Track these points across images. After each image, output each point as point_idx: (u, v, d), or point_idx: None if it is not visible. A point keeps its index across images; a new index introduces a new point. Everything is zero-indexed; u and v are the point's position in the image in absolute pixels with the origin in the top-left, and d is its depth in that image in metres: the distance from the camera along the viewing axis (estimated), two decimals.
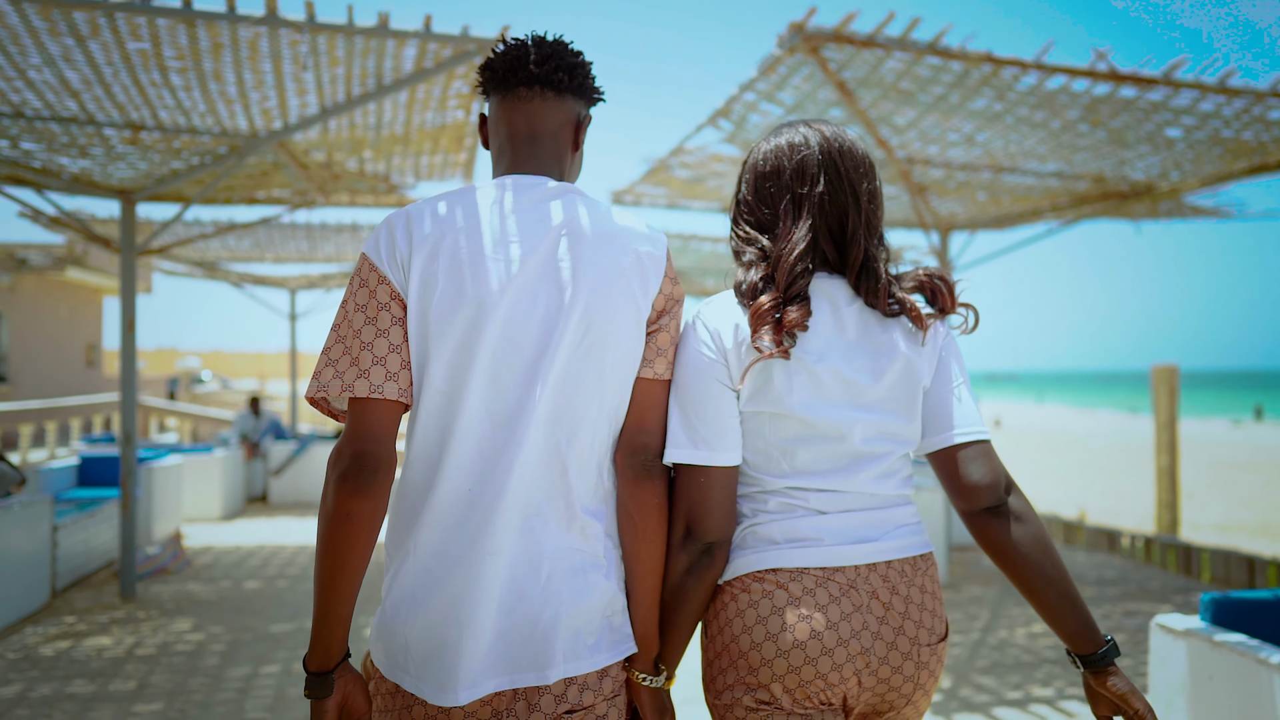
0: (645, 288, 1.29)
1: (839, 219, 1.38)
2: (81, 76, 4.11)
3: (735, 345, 1.32)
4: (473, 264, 1.24)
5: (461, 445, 1.22)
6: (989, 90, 4.62)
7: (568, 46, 1.39)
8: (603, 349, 1.26)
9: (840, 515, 1.33)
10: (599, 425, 1.27)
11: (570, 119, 1.39)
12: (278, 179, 5.91)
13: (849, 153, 1.40)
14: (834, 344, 1.34)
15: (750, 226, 1.43)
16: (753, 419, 1.34)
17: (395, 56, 4.06)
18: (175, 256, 10.29)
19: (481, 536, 1.20)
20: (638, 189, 7.85)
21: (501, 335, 1.23)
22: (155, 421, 14.12)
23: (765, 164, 1.42)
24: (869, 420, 1.34)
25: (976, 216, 7.03)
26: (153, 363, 32.68)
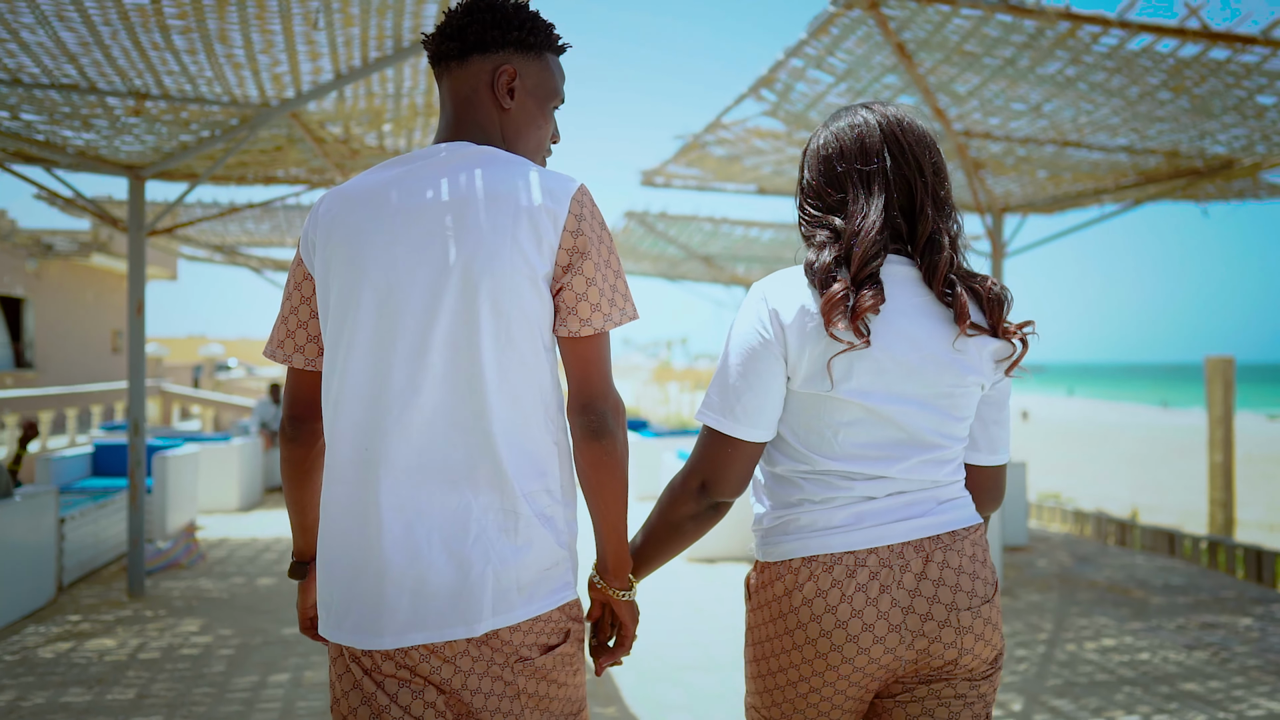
0: (539, 244, 1.27)
1: (906, 193, 1.38)
2: (78, 37, 3.81)
3: (796, 324, 1.31)
4: (359, 238, 1.30)
5: (349, 409, 1.29)
6: (1062, 52, 4.20)
7: (467, 6, 1.37)
8: (493, 312, 1.26)
9: (885, 499, 1.34)
10: (511, 388, 1.28)
11: (481, 79, 1.37)
12: (293, 155, 5.60)
13: (910, 128, 1.41)
14: (899, 329, 1.32)
15: (818, 210, 1.43)
16: (808, 399, 1.34)
17: (415, 15, 3.72)
18: (195, 241, 10.08)
19: (380, 494, 1.25)
20: (669, 169, 7.49)
21: (383, 304, 1.28)
22: (178, 408, 13.99)
23: (828, 148, 1.43)
24: (926, 412, 1.34)
25: (1033, 197, 6.58)
26: (180, 350, 32.82)
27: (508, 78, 1.37)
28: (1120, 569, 6.20)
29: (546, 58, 1.43)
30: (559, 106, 1.48)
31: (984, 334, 1.34)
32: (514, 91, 1.38)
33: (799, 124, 5.45)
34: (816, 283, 1.32)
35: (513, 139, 1.40)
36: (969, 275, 1.38)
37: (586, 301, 1.30)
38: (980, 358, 1.35)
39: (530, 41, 1.38)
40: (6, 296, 15.96)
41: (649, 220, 9.92)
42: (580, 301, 1.30)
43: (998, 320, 1.35)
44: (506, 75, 1.37)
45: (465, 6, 1.37)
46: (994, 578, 1.38)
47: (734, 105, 5.36)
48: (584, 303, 1.30)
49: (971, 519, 1.38)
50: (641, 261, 12.42)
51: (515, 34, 1.36)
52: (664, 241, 10.78)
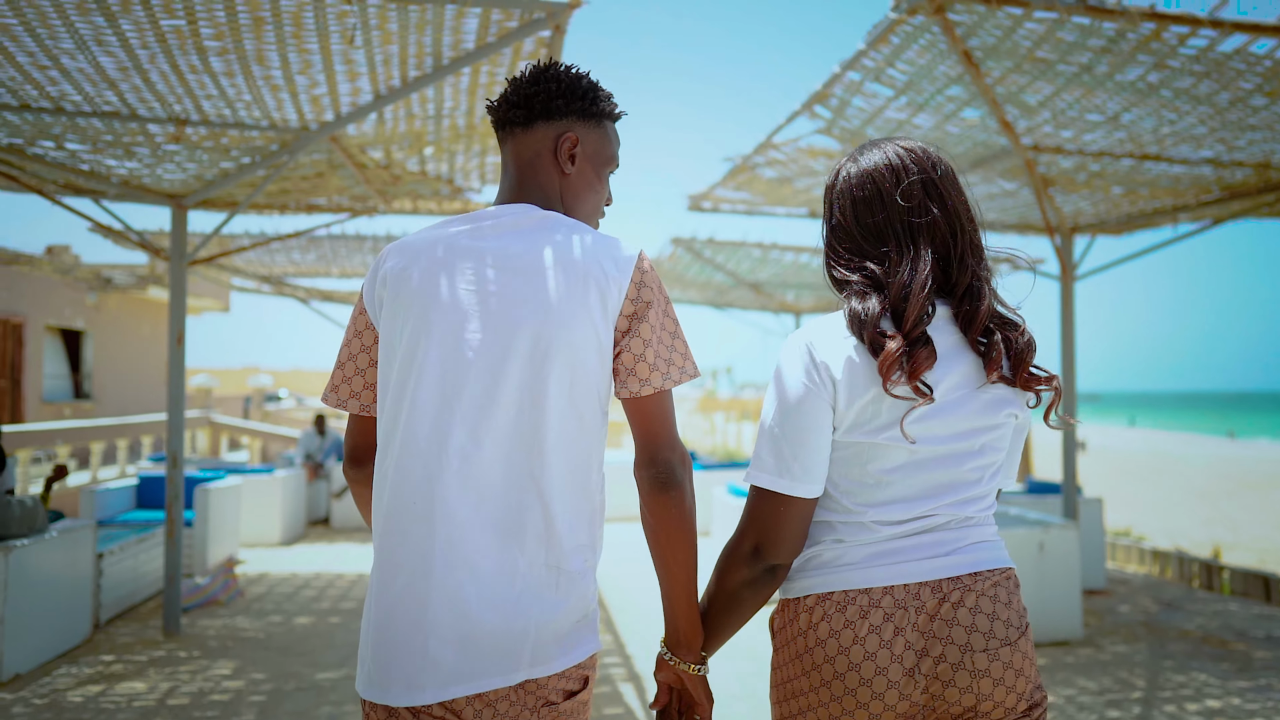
0: (605, 312, 1.32)
1: (946, 243, 1.36)
2: (117, 62, 3.75)
3: (847, 377, 1.30)
4: (426, 295, 1.34)
5: (407, 463, 1.31)
6: (1145, 57, 3.89)
7: (538, 75, 1.43)
8: (560, 377, 1.30)
9: (915, 536, 1.32)
10: (566, 449, 1.32)
11: (545, 145, 1.43)
12: (334, 182, 5.52)
13: (947, 172, 1.40)
14: (944, 370, 1.31)
15: (850, 253, 1.40)
16: (851, 448, 1.33)
17: (454, 30, 3.58)
18: (243, 272, 10.14)
19: (435, 547, 1.28)
20: (716, 193, 7.27)
21: (449, 362, 1.31)
22: (226, 439, 14.09)
23: (863, 189, 1.39)
24: (967, 450, 1.33)
25: (1104, 216, 6.21)
26: (232, 380, 33.47)
27: (570, 144, 1.44)
28: (1213, 616, 5.70)
29: (605, 125, 1.50)
30: (614, 172, 1.55)
31: (1007, 384, 1.33)
32: (575, 157, 1.45)
33: (855, 141, 5.19)
34: (867, 338, 1.29)
35: (571, 203, 1.47)
36: (1005, 323, 1.36)
37: (645, 362, 1.33)
38: (1011, 391, 1.35)
39: (592, 111, 1.46)
40: (67, 329, 16.36)
41: (696, 246, 9.71)
42: (639, 362, 1.33)
43: (1023, 371, 1.33)
44: (569, 142, 1.43)
45: (532, 75, 1.44)
46: (1021, 620, 1.32)
47: (786, 124, 5.14)
48: (642, 363, 1.33)
49: (1001, 561, 1.35)
50: (688, 289, 12.19)
51: (578, 104, 1.44)
52: (711, 268, 10.55)
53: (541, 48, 3.83)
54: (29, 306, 14.51)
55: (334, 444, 10.10)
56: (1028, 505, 6.77)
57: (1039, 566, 5.14)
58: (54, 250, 16.56)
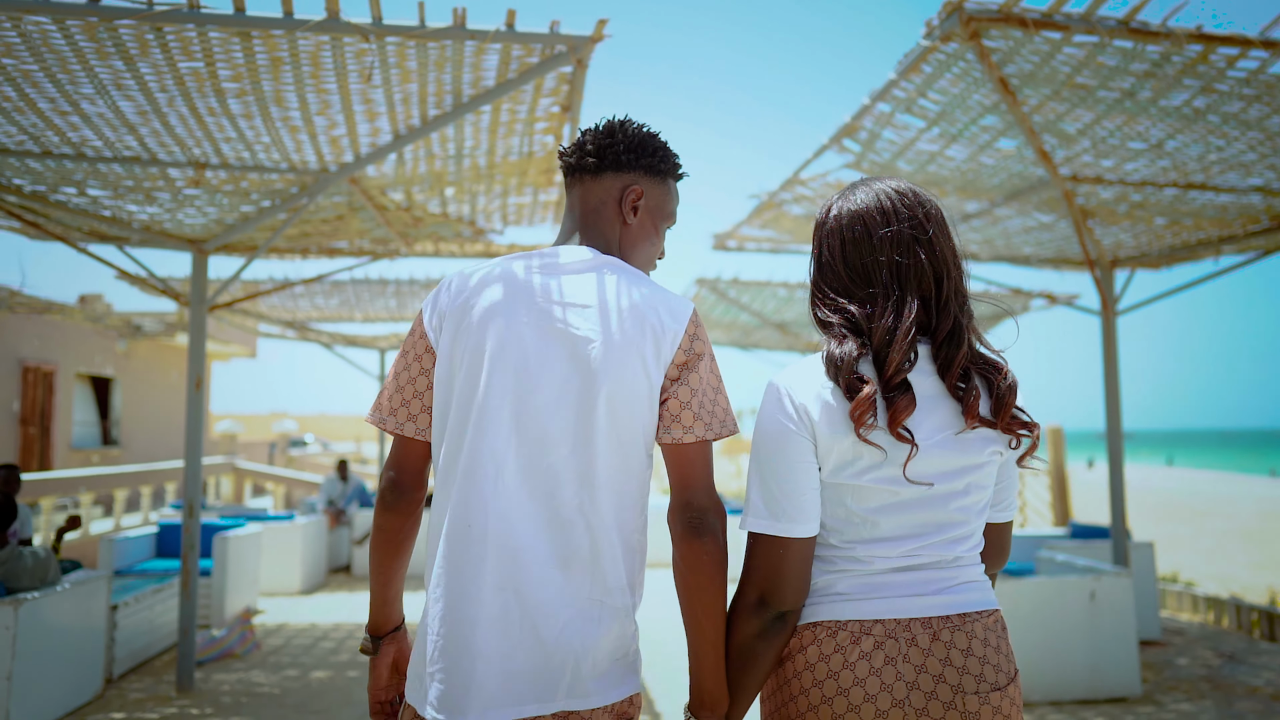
0: (658, 358, 1.36)
1: (935, 287, 1.36)
2: (136, 106, 3.72)
3: (825, 419, 1.30)
4: (491, 324, 1.38)
5: (464, 488, 1.36)
6: (1192, 80, 3.73)
7: (611, 129, 1.51)
8: (610, 414, 1.35)
9: (904, 573, 1.32)
10: (613, 485, 1.36)
11: (610, 195, 1.51)
12: (355, 225, 5.47)
13: (936, 215, 1.40)
14: (921, 414, 1.31)
15: (836, 294, 1.40)
16: (836, 489, 1.33)
17: (474, 67, 3.51)
18: (268, 317, 10.15)
19: (485, 572, 1.33)
20: (741, 232, 7.16)
21: (505, 394, 1.36)
22: (250, 485, 14.04)
23: (852, 229, 1.39)
24: (952, 490, 1.33)
25: (1145, 248, 6.00)
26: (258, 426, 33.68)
27: (634, 196, 1.51)
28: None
29: (669, 183, 1.57)
30: (671, 227, 1.61)
31: (988, 427, 1.32)
32: (637, 209, 1.52)
33: (885, 175, 5.05)
34: (842, 382, 1.29)
35: (629, 251, 1.53)
36: (985, 365, 1.35)
37: (690, 410, 1.38)
38: (993, 433, 1.34)
39: (658, 167, 1.53)
40: (97, 376, 16.52)
41: (720, 287, 9.58)
42: (684, 410, 1.38)
43: (1004, 414, 1.32)
44: (634, 194, 1.51)
45: (607, 128, 1.52)
46: (1010, 666, 1.33)
47: (813, 158, 5.02)
48: (688, 411, 1.38)
49: (987, 603, 1.35)
50: (713, 330, 12.05)
51: (647, 159, 1.52)
52: (736, 308, 10.41)
53: (563, 84, 3.75)
54: (60, 354, 14.67)
55: (356, 490, 9.98)
56: (1074, 550, 6.46)
57: (1091, 616, 4.85)
58: (87, 299, 16.82)
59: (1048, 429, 14.18)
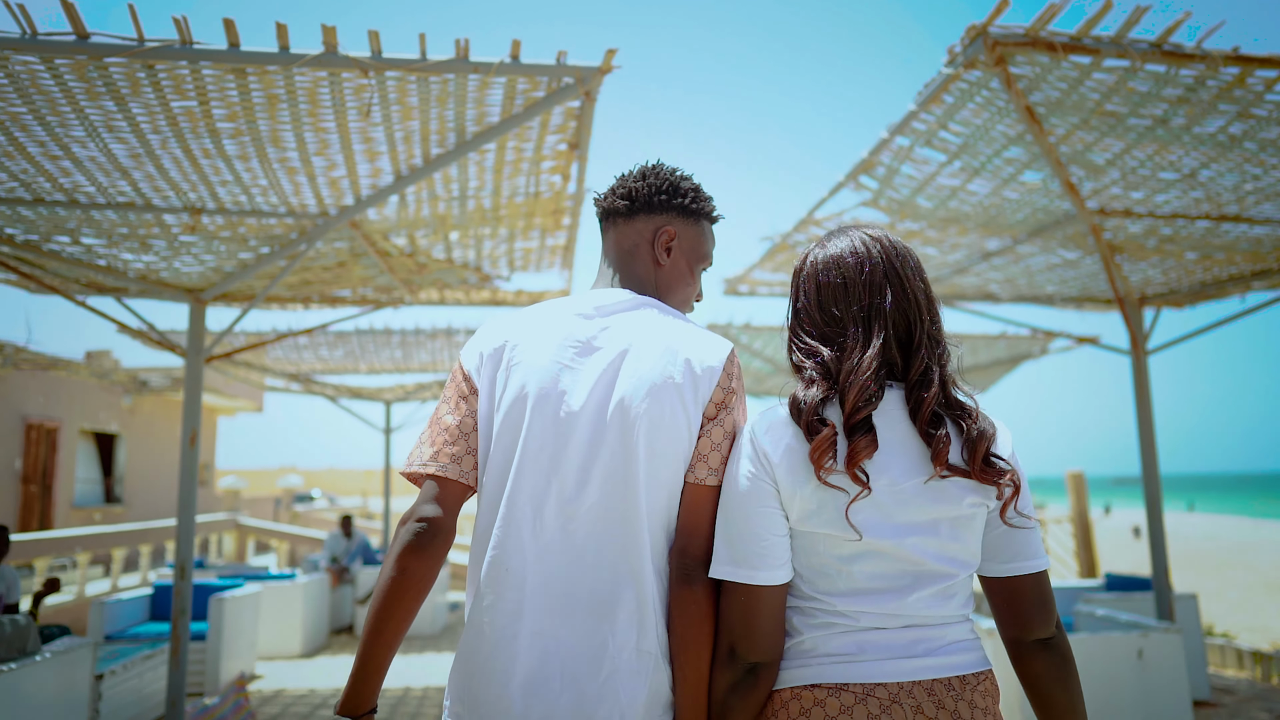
0: (697, 396, 1.36)
1: (905, 329, 1.37)
2: (129, 149, 3.59)
3: (785, 463, 1.30)
4: (530, 370, 1.40)
5: (504, 531, 1.35)
6: (1227, 106, 3.57)
7: (644, 172, 1.55)
8: (648, 455, 1.33)
9: (891, 632, 1.29)
10: (654, 528, 1.34)
11: (643, 237, 1.53)
12: (357, 272, 5.31)
13: (909, 259, 1.42)
14: (892, 460, 1.30)
15: (811, 338, 1.40)
16: (806, 537, 1.31)
17: (478, 102, 3.37)
18: (272, 370, 10.00)
19: (523, 619, 1.30)
20: (754, 275, 6.98)
21: (545, 435, 1.35)
22: (253, 542, 13.74)
23: (828, 274, 1.41)
24: (928, 540, 1.30)
25: (1175, 285, 5.79)
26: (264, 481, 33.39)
27: (667, 237, 1.53)
28: None
29: (703, 224, 1.58)
30: (707, 269, 1.61)
31: (960, 475, 1.29)
32: (671, 250, 1.54)
33: (904, 213, 4.89)
34: (803, 424, 1.30)
35: (664, 292, 1.54)
36: (959, 410, 1.34)
37: (719, 453, 1.36)
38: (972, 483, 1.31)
39: (692, 209, 1.55)
40: (101, 433, 16.35)
41: (732, 332, 9.39)
42: (714, 451, 1.36)
43: (977, 461, 1.29)
44: (666, 235, 1.53)
45: (640, 172, 1.55)
46: None
47: (829, 196, 4.86)
48: (716, 453, 1.36)
49: (981, 664, 1.33)
50: None
51: (679, 200, 1.53)
52: (748, 355, 10.21)
53: (571, 119, 3.61)
54: (65, 411, 14.53)
55: (360, 546, 9.69)
56: (1113, 604, 6.13)
57: (1140, 676, 4.52)
58: (94, 355, 16.75)
59: (1068, 474, 13.80)
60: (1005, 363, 10.73)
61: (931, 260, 5.77)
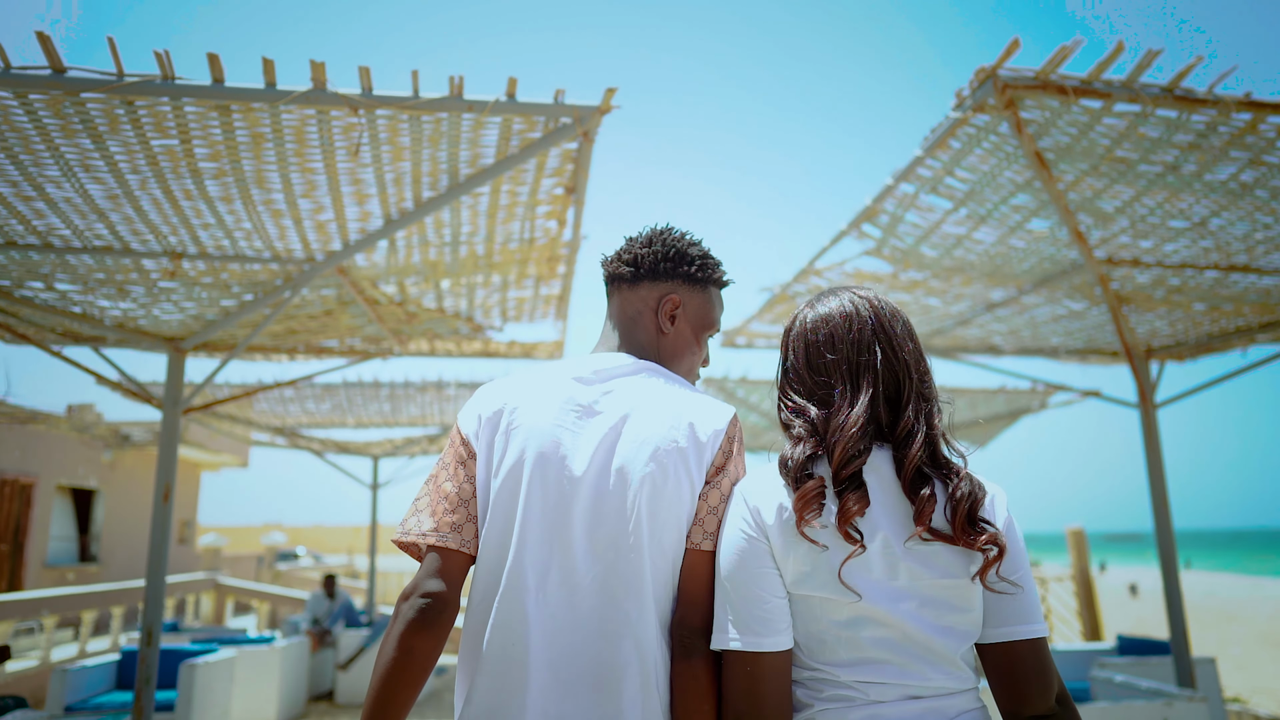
0: (700, 462, 1.34)
1: (894, 387, 1.36)
2: (106, 190, 3.44)
3: (778, 524, 1.27)
4: (530, 434, 1.36)
5: (506, 604, 1.29)
6: (1239, 152, 3.49)
7: (650, 238, 1.53)
8: (652, 523, 1.30)
9: (897, 704, 1.25)
10: (659, 597, 1.30)
11: (647, 305, 1.51)
12: (345, 321, 5.15)
13: (898, 318, 1.42)
14: (883, 518, 1.27)
15: (800, 396, 1.40)
16: (802, 602, 1.28)
17: (472, 143, 3.25)
18: (257, 424, 9.75)
19: (528, 698, 1.24)
20: (752, 327, 6.86)
21: (547, 502, 1.31)
22: (233, 603, 13.28)
23: (817, 332, 1.41)
24: (924, 609, 1.26)
25: (1181, 336, 5.68)
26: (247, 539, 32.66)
27: (671, 306, 1.51)
28: None
29: (710, 291, 1.56)
30: (713, 335, 1.58)
31: (942, 539, 1.26)
32: (675, 318, 1.51)
33: (908, 262, 4.79)
34: (790, 479, 1.29)
35: (668, 360, 1.51)
36: (945, 469, 1.31)
37: (715, 516, 1.34)
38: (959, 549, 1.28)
39: (698, 276, 1.52)
40: (79, 488, 15.94)
41: (728, 386, 9.24)
42: (709, 515, 1.33)
43: (959, 523, 1.26)
44: (670, 304, 1.51)
45: (647, 237, 1.53)
46: None
47: (830, 245, 4.75)
48: (712, 517, 1.33)
49: None
50: None
51: (685, 268, 1.51)
52: (745, 409, 10.03)
53: (568, 162, 3.49)
54: (41, 465, 14.15)
55: (343, 607, 9.32)
56: (1130, 669, 5.86)
57: None
58: (77, 409, 16.43)
59: (1069, 531, 13.56)
60: (1004, 417, 10.59)
61: (934, 311, 5.65)
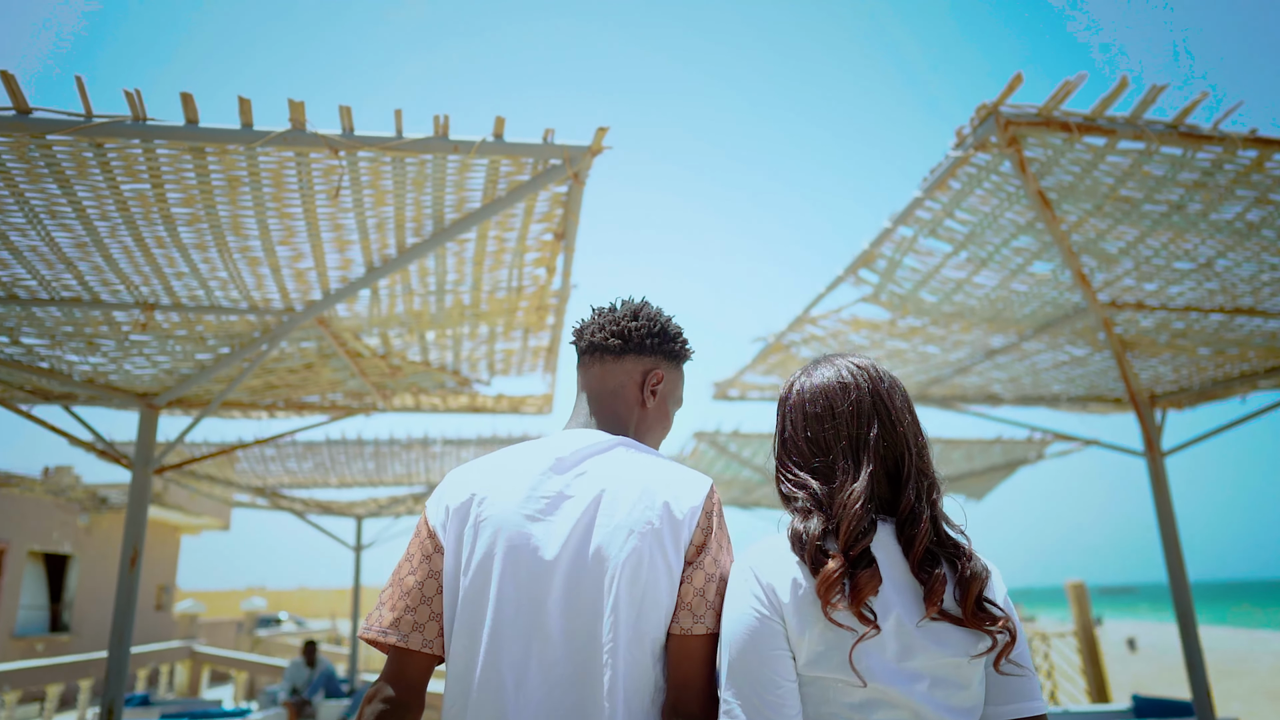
0: (677, 542, 1.31)
1: (894, 462, 1.35)
2: (74, 238, 3.29)
3: (794, 602, 1.24)
4: (500, 525, 1.33)
5: (481, 704, 1.25)
6: (1245, 191, 3.41)
7: (634, 312, 1.56)
8: (629, 610, 1.26)
9: None
10: (639, 687, 1.26)
11: (632, 378, 1.54)
12: (326, 375, 4.97)
13: (897, 389, 1.42)
14: (895, 597, 1.26)
15: (799, 469, 1.39)
16: (814, 684, 1.24)
17: (458, 186, 3.13)
18: (238, 484, 9.47)
19: None
20: (744, 379, 6.71)
21: (520, 596, 1.28)
22: (209, 672, 12.76)
23: (815, 404, 1.41)
24: (935, 690, 1.23)
25: (1185, 382, 5.56)
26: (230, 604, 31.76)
27: (656, 380, 1.55)
28: None
29: (681, 367, 1.62)
30: (679, 410, 1.63)
31: (951, 621, 1.24)
32: (656, 392, 1.55)
33: (906, 308, 4.67)
34: (807, 558, 1.26)
35: (643, 433, 1.55)
36: (952, 549, 1.30)
37: (704, 598, 1.29)
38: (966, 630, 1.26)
39: (678, 353, 1.59)
40: (53, 554, 15.45)
41: (720, 440, 9.06)
42: (697, 597, 1.29)
43: (969, 605, 1.24)
44: (655, 378, 1.55)
45: (632, 313, 1.56)
46: None
47: (826, 293, 4.64)
48: (700, 599, 1.29)
49: None
50: None
51: (668, 345, 1.57)
52: (737, 464, 9.83)
53: (557, 207, 3.37)
54: (14, 531, 13.72)
55: (323, 676, 8.92)
56: None
57: None
58: (54, 471, 16.03)
59: (1069, 585, 13.28)
60: (1001, 468, 10.42)
61: (932, 359, 5.53)
